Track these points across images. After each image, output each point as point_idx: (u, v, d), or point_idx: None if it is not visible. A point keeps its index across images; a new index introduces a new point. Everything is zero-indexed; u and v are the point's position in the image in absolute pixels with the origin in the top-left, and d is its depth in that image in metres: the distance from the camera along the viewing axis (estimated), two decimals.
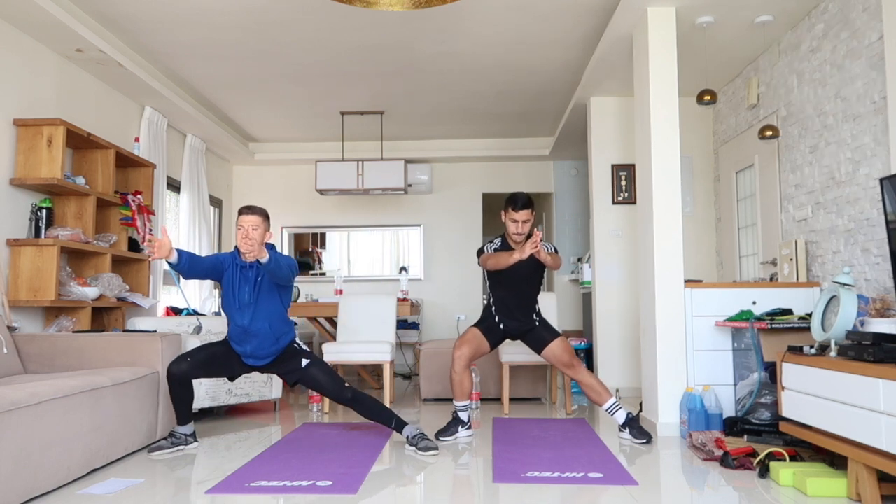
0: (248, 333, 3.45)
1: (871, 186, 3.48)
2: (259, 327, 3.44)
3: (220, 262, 3.47)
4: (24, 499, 2.50)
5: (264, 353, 3.51)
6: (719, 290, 3.86)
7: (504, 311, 3.91)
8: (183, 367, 3.39)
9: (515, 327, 3.92)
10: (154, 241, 3.17)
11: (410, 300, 5.88)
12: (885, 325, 2.70)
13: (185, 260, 3.29)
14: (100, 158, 4.70)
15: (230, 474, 2.96)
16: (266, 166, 7.89)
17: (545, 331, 3.92)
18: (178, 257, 3.25)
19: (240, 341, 3.49)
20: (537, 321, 3.94)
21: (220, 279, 3.49)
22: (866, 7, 3.49)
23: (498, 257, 3.67)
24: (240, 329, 3.45)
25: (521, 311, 3.90)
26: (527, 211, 3.75)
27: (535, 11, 4.24)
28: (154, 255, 3.16)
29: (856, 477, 2.52)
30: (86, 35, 4.19)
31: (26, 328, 4.17)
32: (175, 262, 3.25)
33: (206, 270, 3.40)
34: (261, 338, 3.46)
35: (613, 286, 5.61)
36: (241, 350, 3.51)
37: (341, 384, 3.50)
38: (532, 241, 3.46)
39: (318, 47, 4.80)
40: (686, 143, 5.58)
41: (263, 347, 3.49)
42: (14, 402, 2.45)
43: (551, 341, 3.86)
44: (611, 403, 3.73)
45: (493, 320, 3.94)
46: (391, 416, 3.51)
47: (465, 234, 7.83)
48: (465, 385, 3.83)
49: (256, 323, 3.43)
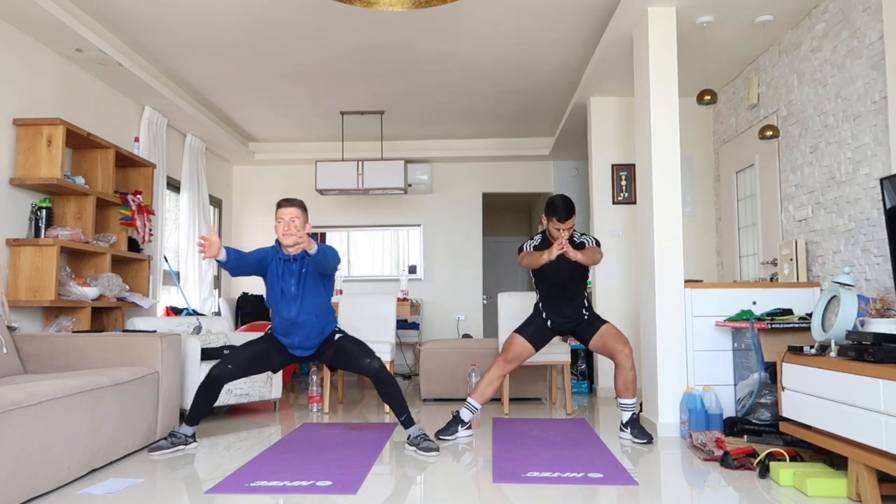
0: (296, 325, 3.48)
1: (871, 186, 3.48)
2: (306, 318, 3.47)
3: (264, 256, 3.50)
4: (24, 499, 2.50)
5: (310, 344, 3.56)
6: (719, 290, 3.86)
7: (551, 308, 3.89)
8: (226, 370, 3.43)
9: (562, 322, 3.88)
10: (205, 240, 3.19)
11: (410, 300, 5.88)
12: (886, 325, 2.70)
13: (233, 257, 3.34)
14: (100, 158, 4.70)
15: (230, 474, 2.96)
16: (266, 166, 7.88)
17: (595, 319, 3.89)
18: (226, 255, 3.29)
19: (287, 333, 3.53)
20: (586, 315, 3.91)
21: (264, 274, 3.52)
22: (867, 7, 3.49)
23: (531, 256, 3.67)
24: (287, 322, 3.48)
25: (569, 306, 3.87)
26: (570, 221, 3.70)
27: (535, 11, 4.24)
28: (206, 254, 3.19)
29: (856, 477, 2.52)
30: (86, 35, 4.19)
31: (26, 328, 4.17)
32: (224, 260, 3.29)
33: (252, 266, 3.45)
34: (308, 329, 3.50)
35: (613, 286, 5.61)
36: (288, 342, 3.55)
37: (371, 354, 3.51)
38: (558, 242, 3.48)
39: (318, 47, 4.79)
40: (686, 143, 5.58)
41: (310, 338, 3.54)
42: (14, 402, 2.45)
43: (601, 326, 3.83)
44: (630, 402, 3.72)
45: (541, 318, 3.91)
46: (405, 408, 3.52)
47: (465, 234, 7.83)
48: (488, 392, 3.83)
49: (303, 314, 3.46)
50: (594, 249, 3.70)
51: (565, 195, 3.77)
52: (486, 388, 3.83)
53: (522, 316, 4.93)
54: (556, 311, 3.88)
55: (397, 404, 3.50)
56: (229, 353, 3.52)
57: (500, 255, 10.73)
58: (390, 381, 3.51)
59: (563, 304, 3.87)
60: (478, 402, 3.82)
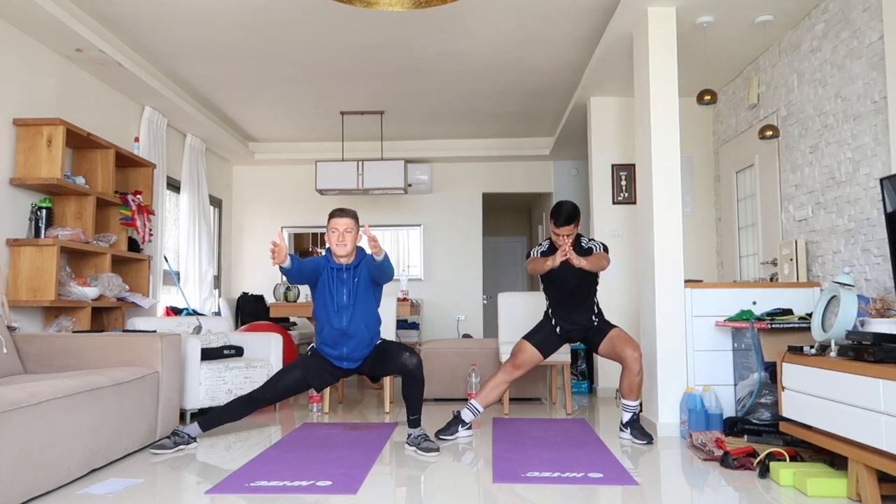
0: (346, 335, 3.48)
1: (871, 186, 3.48)
2: (356, 328, 3.48)
3: (318, 265, 3.51)
4: (24, 499, 2.50)
5: (359, 355, 3.56)
6: (719, 290, 3.86)
7: (560, 315, 3.87)
8: (265, 398, 3.49)
9: (572, 329, 3.86)
10: (275, 245, 3.19)
11: (410, 300, 5.88)
12: (886, 325, 2.70)
13: (296, 265, 3.36)
14: (100, 158, 4.70)
15: (230, 474, 2.96)
16: (266, 166, 7.89)
17: (604, 325, 3.87)
18: (290, 262, 3.31)
19: (335, 344, 3.52)
20: (596, 321, 3.88)
21: (315, 283, 3.53)
22: (867, 7, 3.49)
23: (536, 262, 3.66)
24: (337, 332, 3.48)
25: (578, 313, 3.84)
26: (569, 227, 3.68)
27: (535, 11, 4.24)
28: (275, 260, 3.21)
29: (856, 477, 2.52)
30: (86, 35, 4.19)
31: (26, 328, 4.17)
32: (288, 267, 3.31)
33: (308, 274, 3.46)
34: (358, 339, 3.50)
35: (613, 286, 5.61)
36: (336, 353, 3.53)
37: (411, 349, 3.52)
38: (561, 249, 3.46)
39: (318, 47, 4.79)
40: (686, 143, 5.58)
41: (359, 349, 3.54)
42: (14, 402, 2.45)
43: (610, 330, 3.81)
44: (633, 403, 3.71)
45: (550, 324, 3.89)
46: (420, 410, 3.53)
47: (465, 234, 7.83)
48: (492, 396, 3.83)
49: (354, 324, 3.47)
50: (600, 255, 3.66)
51: (574, 203, 3.73)
52: (491, 392, 3.82)
53: (522, 316, 4.94)
54: (566, 317, 3.85)
55: (416, 403, 3.52)
56: (269, 381, 3.54)
57: (500, 255, 10.73)
58: (421, 381, 3.52)
59: (572, 311, 3.84)
60: (481, 406, 3.82)
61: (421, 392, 3.52)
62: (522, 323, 4.85)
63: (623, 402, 3.74)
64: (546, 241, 3.92)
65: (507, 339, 4.83)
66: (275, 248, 3.20)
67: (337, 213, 3.46)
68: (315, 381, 3.57)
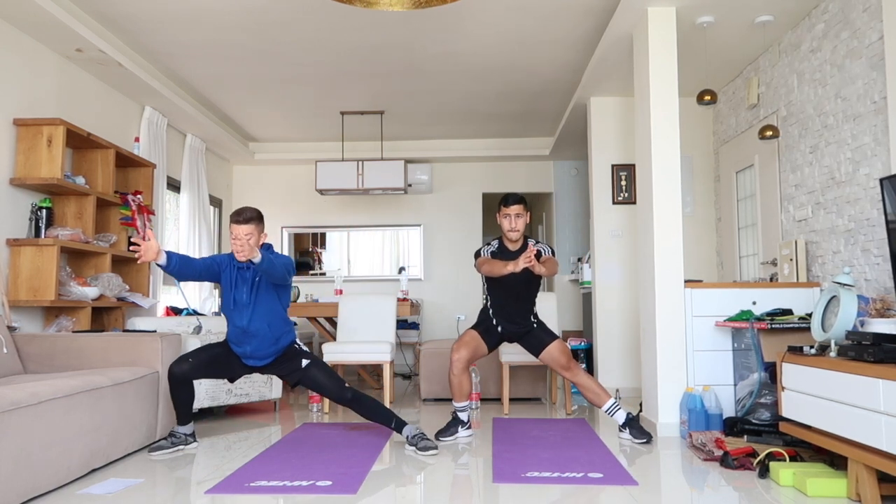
0: (247, 334, 3.44)
1: (871, 186, 3.48)
2: (258, 327, 3.43)
3: (217, 263, 3.46)
4: (24, 499, 2.50)
5: (263, 354, 3.51)
6: (719, 290, 3.86)
7: (501, 315, 3.89)
8: (184, 367, 3.39)
9: (513, 330, 3.90)
10: (140, 244, 3.14)
11: (410, 300, 5.88)
12: (885, 325, 2.70)
13: (175, 262, 3.28)
14: (100, 158, 4.70)
15: (230, 474, 2.96)
16: (266, 166, 7.88)
17: (543, 333, 3.91)
18: (167, 259, 3.24)
19: (239, 342, 3.49)
20: (535, 323, 3.93)
21: (217, 280, 3.49)
22: (866, 7, 3.49)
23: (493, 265, 3.63)
24: (239, 330, 3.45)
25: (519, 314, 3.89)
26: (518, 206, 3.76)
27: (535, 11, 4.24)
28: (141, 257, 3.15)
29: (856, 477, 2.52)
30: (86, 35, 4.19)
31: (26, 328, 4.17)
32: (164, 265, 3.25)
33: (200, 272, 3.40)
34: (260, 338, 3.46)
35: (613, 286, 5.61)
36: (240, 351, 3.51)
37: (342, 384, 3.50)
38: (525, 255, 3.38)
39: (318, 47, 4.80)
40: (686, 143, 5.58)
41: (262, 348, 3.48)
42: (14, 402, 2.45)
43: (549, 343, 3.85)
44: (610, 404, 3.73)
45: (491, 323, 3.92)
46: (391, 416, 3.51)
47: (465, 234, 7.83)
48: (464, 387, 3.82)
49: (255, 323, 3.42)
50: (553, 261, 3.68)
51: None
52: (458, 388, 3.82)
53: None
54: (507, 318, 3.88)
55: (382, 418, 3.50)
56: (189, 352, 3.48)
57: None
58: (364, 400, 3.50)
59: (514, 312, 3.88)
60: (462, 402, 3.83)
61: (376, 406, 3.51)
62: None
63: (604, 412, 3.77)
64: (496, 241, 3.93)
65: None
66: (141, 246, 3.12)
67: (235, 220, 3.29)
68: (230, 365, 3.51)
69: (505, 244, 3.89)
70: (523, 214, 3.79)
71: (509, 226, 3.80)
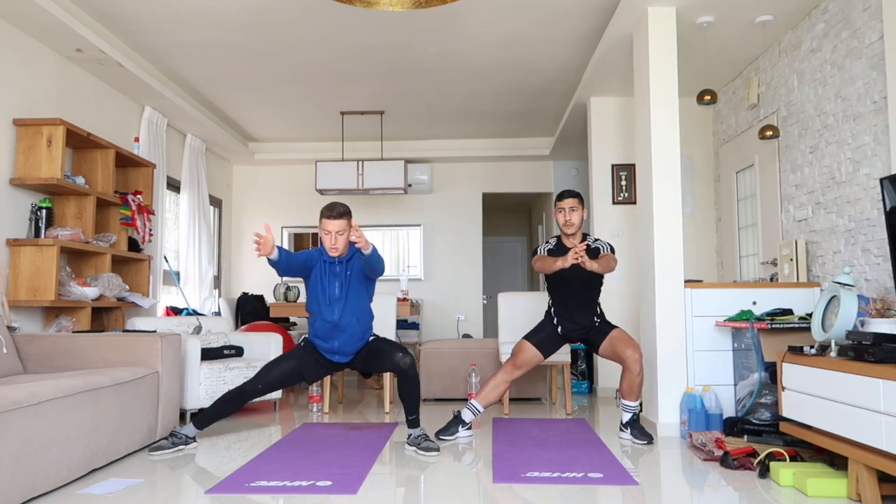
0: (337, 328, 3.49)
1: (871, 186, 3.48)
2: (348, 321, 3.48)
3: (310, 258, 3.51)
4: (24, 499, 2.50)
5: (350, 349, 3.56)
6: (719, 290, 3.86)
7: (563, 314, 3.84)
8: (257, 389, 3.46)
9: (574, 330, 3.84)
10: (259, 237, 3.19)
11: (410, 300, 5.88)
12: (886, 325, 2.70)
13: (283, 257, 3.35)
14: (100, 158, 4.70)
15: (230, 474, 2.96)
16: (266, 166, 7.88)
17: (605, 325, 3.84)
18: (278, 254, 3.30)
19: (327, 337, 3.52)
20: (597, 322, 3.86)
21: (307, 276, 3.53)
22: (867, 7, 3.49)
23: (544, 261, 3.63)
24: (329, 325, 3.48)
25: (581, 314, 3.81)
26: (573, 199, 3.73)
27: (535, 11, 4.24)
28: (260, 252, 3.21)
29: (856, 477, 2.52)
30: (86, 35, 4.18)
31: (26, 328, 4.17)
32: (275, 259, 3.31)
33: (299, 267, 3.46)
34: (349, 332, 3.50)
35: (613, 286, 5.61)
36: (327, 346, 3.54)
37: (404, 349, 3.51)
38: (574, 250, 3.39)
39: (318, 47, 4.79)
40: (686, 143, 5.58)
41: (350, 343, 3.53)
42: (14, 402, 2.45)
43: (611, 330, 3.78)
44: (633, 404, 3.70)
45: (552, 324, 3.86)
46: (418, 410, 3.53)
47: (465, 234, 7.83)
48: (493, 395, 3.82)
49: (346, 317, 3.47)
50: (609, 257, 3.64)
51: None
52: (492, 391, 3.81)
53: (522, 316, 4.94)
54: (569, 317, 3.83)
55: (413, 403, 3.51)
56: (261, 372, 3.51)
57: (500, 255, 10.73)
58: (415, 380, 3.50)
59: (575, 311, 3.82)
60: (481, 405, 3.82)
61: (417, 392, 3.51)
62: (522, 323, 4.85)
63: (623, 403, 3.73)
64: (554, 239, 3.91)
65: (507, 339, 4.83)
66: (260, 239, 3.19)
67: (328, 215, 3.39)
68: (307, 373, 3.57)
69: (563, 241, 3.85)
70: (578, 208, 3.75)
71: (564, 220, 3.76)
